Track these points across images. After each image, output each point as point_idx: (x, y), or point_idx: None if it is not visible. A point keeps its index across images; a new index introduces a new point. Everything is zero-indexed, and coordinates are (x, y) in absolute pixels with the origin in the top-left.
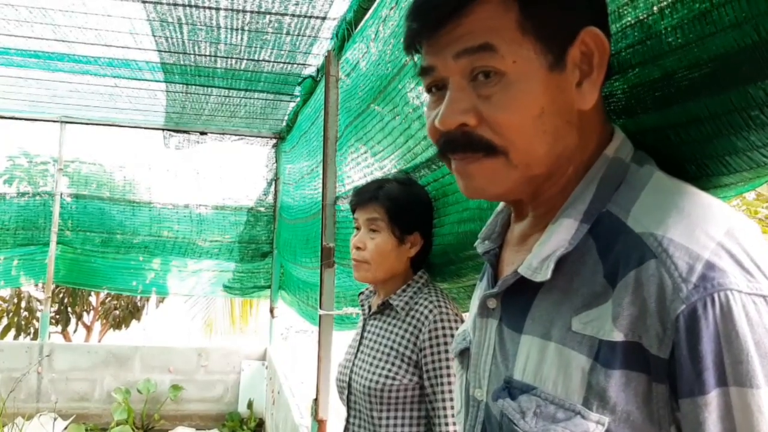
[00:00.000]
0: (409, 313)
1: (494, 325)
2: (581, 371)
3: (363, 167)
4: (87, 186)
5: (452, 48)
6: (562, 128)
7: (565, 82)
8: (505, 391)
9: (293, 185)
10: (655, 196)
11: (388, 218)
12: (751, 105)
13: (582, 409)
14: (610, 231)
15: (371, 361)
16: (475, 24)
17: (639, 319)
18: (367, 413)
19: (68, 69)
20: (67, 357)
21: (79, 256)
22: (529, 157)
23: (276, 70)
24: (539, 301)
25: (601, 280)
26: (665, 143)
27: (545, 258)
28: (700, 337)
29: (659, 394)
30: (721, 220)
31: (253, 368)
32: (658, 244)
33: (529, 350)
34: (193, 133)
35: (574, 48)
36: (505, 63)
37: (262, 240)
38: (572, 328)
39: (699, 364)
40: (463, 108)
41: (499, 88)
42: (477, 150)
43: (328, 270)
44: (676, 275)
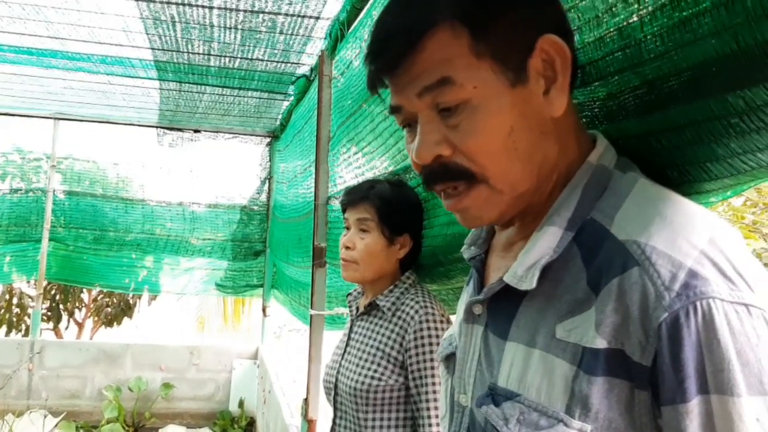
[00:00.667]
0: (395, 314)
1: (480, 331)
2: (564, 378)
3: (354, 167)
4: (80, 183)
5: (413, 87)
6: (536, 140)
7: (531, 94)
8: (489, 398)
9: (287, 184)
10: (639, 203)
11: (379, 218)
12: (730, 113)
13: (565, 416)
14: (593, 238)
15: (357, 362)
16: (429, 59)
17: (622, 327)
18: (353, 414)
19: (62, 66)
20: (58, 354)
21: (71, 253)
22: (509, 177)
23: (270, 69)
24: (524, 308)
25: (584, 287)
26: (647, 149)
27: (530, 266)
28: (682, 345)
29: (641, 401)
30: (704, 228)
31: (244, 367)
32: (641, 251)
33: (514, 357)
34: (187, 130)
35: (534, 58)
36: (465, 91)
37: (255, 239)
38: (556, 335)
39: (681, 372)
40: (435, 140)
41: (465, 115)
42: (457, 178)
43: (320, 270)
44: (659, 283)
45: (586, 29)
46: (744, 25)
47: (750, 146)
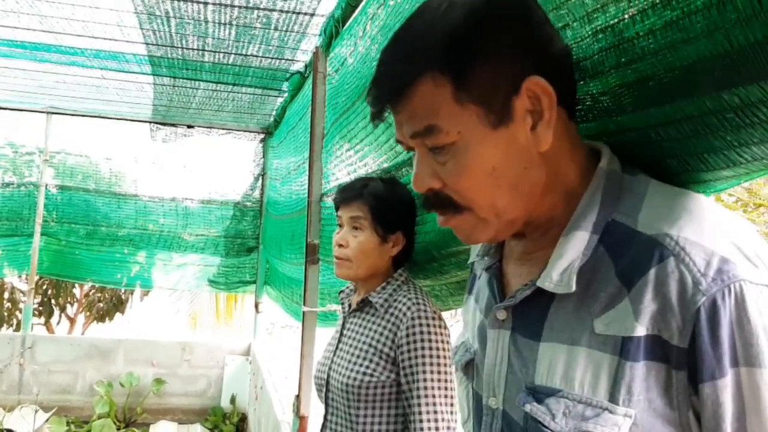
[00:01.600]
0: (387, 311)
1: (506, 335)
2: (608, 369)
3: (347, 164)
4: (72, 177)
5: (406, 129)
6: (520, 175)
7: (516, 133)
8: (531, 396)
9: (280, 181)
10: (658, 201)
11: (372, 217)
12: (726, 108)
13: (609, 405)
14: (620, 238)
15: (350, 358)
16: (415, 108)
17: (659, 313)
18: (344, 410)
19: (55, 60)
20: (49, 349)
21: (63, 247)
22: (494, 210)
23: (264, 66)
24: (555, 309)
25: (616, 283)
26: (647, 140)
27: (564, 270)
28: (720, 325)
29: (679, 381)
30: (727, 221)
31: (236, 363)
32: (675, 243)
33: (553, 356)
34: (181, 126)
35: (521, 98)
36: (450, 136)
37: (248, 235)
38: (595, 330)
39: (719, 349)
40: (427, 174)
41: (451, 155)
42: (447, 207)
43: (313, 267)
44: (695, 270)
45: (578, 25)
46: (736, 26)
47: (746, 140)
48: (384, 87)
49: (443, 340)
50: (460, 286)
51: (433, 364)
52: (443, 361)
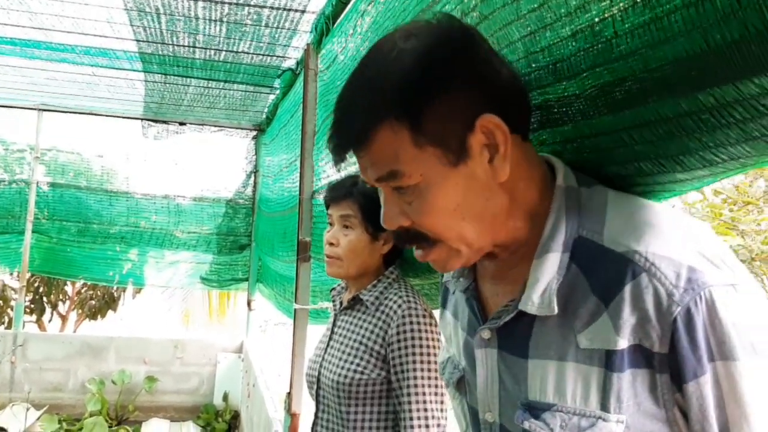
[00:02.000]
0: (378, 308)
1: (494, 354)
2: (596, 381)
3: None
4: (64, 175)
5: (370, 173)
6: (483, 206)
7: (474, 168)
8: (527, 413)
9: (272, 178)
10: (619, 215)
11: (362, 215)
12: (701, 109)
13: (602, 413)
14: (590, 255)
15: (340, 356)
16: (376, 155)
17: (638, 325)
18: (335, 408)
19: (45, 57)
20: (41, 347)
21: (54, 245)
22: (462, 240)
23: (255, 63)
24: (539, 328)
25: (593, 299)
26: (620, 143)
27: (543, 292)
28: (696, 329)
29: (663, 383)
30: (686, 229)
31: (229, 361)
32: (645, 259)
33: (543, 372)
34: (172, 123)
35: (475, 135)
36: (413, 178)
37: (240, 232)
38: (580, 346)
39: (698, 350)
40: (395, 213)
41: (415, 196)
42: (420, 241)
43: (304, 264)
44: (667, 283)
45: (558, 25)
46: (713, 26)
47: (721, 140)
48: (344, 137)
49: (433, 338)
50: None
51: (423, 362)
52: (433, 359)
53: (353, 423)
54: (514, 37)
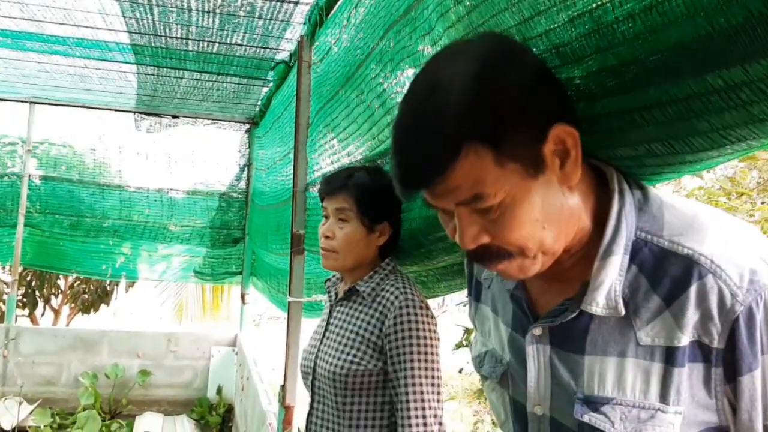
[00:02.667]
0: (375, 299)
1: (547, 350)
2: (657, 375)
3: (330, 154)
4: (56, 168)
5: (449, 198)
6: (558, 212)
7: (550, 176)
8: (586, 407)
9: (266, 171)
10: (678, 218)
11: (357, 208)
12: (710, 91)
13: (661, 405)
14: (651, 256)
15: (337, 347)
16: (458, 182)
17: (700, 323)
18: (331, 398)
19: (37, 48)
20: (33, 341)
21: (47, 238)
22: (541, 248)
23: (249, 54)
24: (596, 326)
25: (655, 298)
26: (631, 124)
27: (608, 294)
28: (756, 327)
29: (717, 376)
30: (742, 232)
31: (222, 354)
32: (711, 262)
33: (601, 368)
34: (165, 116)
35: (549, 144)
36: (498, 197)
37: (234, 226)
38: (640, 342)
39: (755, 346)
40: (476, 232)
41: (499, 214)
42: (499, 257)
43: (298, 257)
44: (732, 284)
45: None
46: (717, 9)
47: (728, 122)
48: (421, 173)
49: (430, 329)
50: (447, 271)
51: (420, 353)
52: (430, 350)
53: (349, 414)
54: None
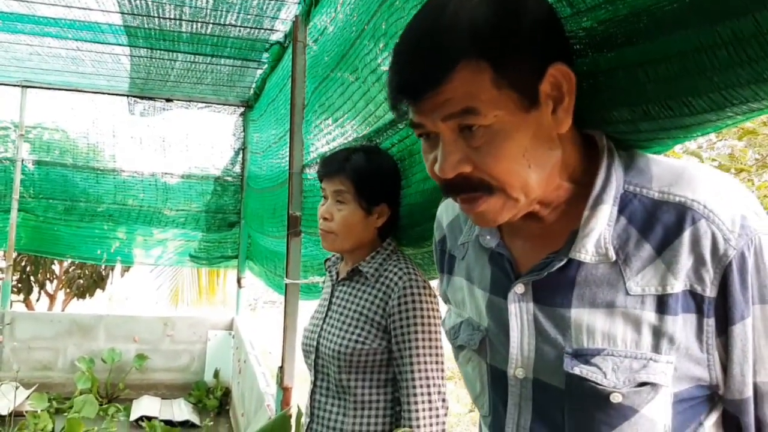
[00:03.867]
0: (378, 279)
1: (530, 307)
2: (649, 325)
3: (327, 134)
4: (50, 152)
5: (438, 112)
6: (544, 155)
7: (542, 116)
8: (576, 360)
9: (261, 154)
10: (667, 171)
11: (355, 190)
12: (717, 44)
13: (653, 355)
14: (640, 207)
15: (341, 326)
16: (455, 91)
17: (693, 269)
18: (334, 376)
19: (28, 30)
20: (29, 326)
21: (41, 223)
22: (524, 189)
23: (243, 36)
24: (583, 279)
25: (645, 247)
26: (634, 81)
27: (597, 242)
28: (747, 271)
29: (709, 327)
30: (731, 183)
31: (219, 338)
32: (703, 207)
33: (590, 320)
34: (159, 99)
35: (545, 84)
36: (487, 119)
37: (229, 210)
38: (630, 292)
39: (746, 293)
40: (458, 159)
41: (486, 139)
42: (477, 190)
43: (295, 239)
44: (725, 229)
45: None
46: None
47: (733, 80)
48: (421, 72)
49: (433, 308)
50: None
51: (424, 332)
52: (434, 329)
53: (353, 391)
54: None
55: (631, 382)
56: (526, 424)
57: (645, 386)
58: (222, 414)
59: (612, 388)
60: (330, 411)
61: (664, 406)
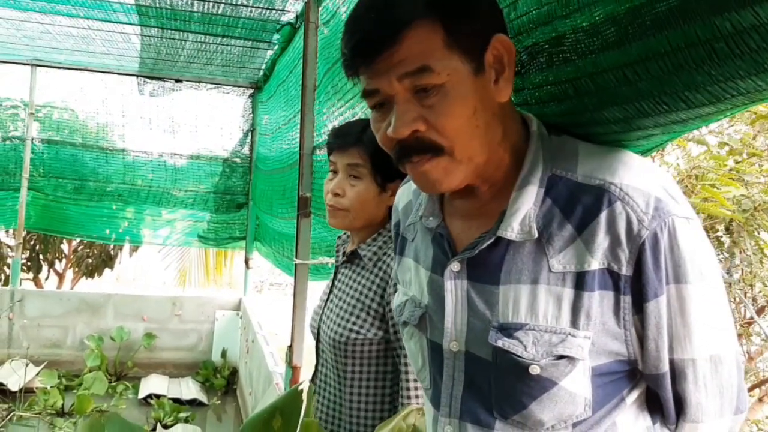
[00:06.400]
0: (376, 264)
1: (464, 284)
2: (568, 300)
3: (338, 115)
4: (59, 132)
5: (393, 72)
6: (490, 120)
7: (487, 82)
8: (500, 333)
9: (270, 136)
10: (592, 157)
11: (372, 165)
12: (716, 37)
13: (571, 329)
14: (564, 189)
15: (338, 312)
16: (409, 50)
17: (609, 249)
18: (333, 364)
19: (39, 8)
20: (38, 304)
21: (51, 202)
22: (470, 150)
23: (254, 16)
24: (510, 256)
25: (567, 227)
26: (623, 81)
27: (522, 220)
28: (660, 252)
29: (626, 304)
30: (651, 167)
31: (227, 318)
32: (619, 189)
33: (515, 296)
34: (168, 80)
35: (488, 53)
36: (440, 78)
37: (237, 191)
38: (552, 270)
39: (659, 272)
40: (413, 117)
41: (439, 98)
42: (428, 151)
43: (305, 220)
44: (639, 210)
45: None
46: None
47: (732, 73)
48: (377, 31)
49: None
50: None
51: None
52: None
53: (350, 381)
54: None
55: (549, 355)
56: (458, 393)
57: (562, 359)
58: (229, 393)
59: (531, 360)
60: (328, 398)
61: (583, 380)
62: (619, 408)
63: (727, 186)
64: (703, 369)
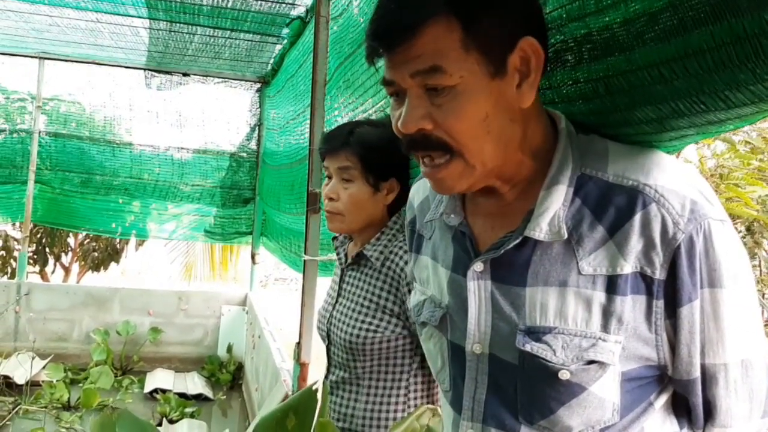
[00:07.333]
0: (384, 264)
1: (488, 285)
2: (599, 304)
3: (349, 110)
4: (66, 125)
5: (406, 68)
6: (505, 126)
7: (507, 86)
8: (528, 337)
9: (278, 131)
10: (623, 156)
11: (362, 166)
12: (765, 32)
13: (602, 334)
14: (594, 189)
15: (351, 314)
16: (424, 47)
17: (642, 252)
18: (346, 365)
19: (47, 1)
20: (45, 297)
21: (57, 195)
22: (481, 155)
23: (264, 10)
24: (538, 258)
25: (598, 228)
26: (658, 80)
27: (551, 220)
28: (696, 255)
29: (658, 308)
30: (684, 169)
31: (233, 313)
32: (654, 191)
33: (543, 298)
34: (176, 74)
35: (514, 55)
36: (452, 79)
37: (244, 186)
38: (582, 272)
39: (694, 276)
40: (420, 115)
41: (449, 98)
42: (435, 149)
43: (314, 216)
44: (674, 213)
45: None
46: None
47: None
48: (396, 24)
49: None
50: None
51: None
52: None
53: (368, 379)
54: None
55: (580, 360)
56: (481, 397)
57: (593, 364)
58: (234, 388)
59: (560, 366)
60: (342, 396)
61: (613, 385)
62: (647, 413)
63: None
64: (734, 374)
